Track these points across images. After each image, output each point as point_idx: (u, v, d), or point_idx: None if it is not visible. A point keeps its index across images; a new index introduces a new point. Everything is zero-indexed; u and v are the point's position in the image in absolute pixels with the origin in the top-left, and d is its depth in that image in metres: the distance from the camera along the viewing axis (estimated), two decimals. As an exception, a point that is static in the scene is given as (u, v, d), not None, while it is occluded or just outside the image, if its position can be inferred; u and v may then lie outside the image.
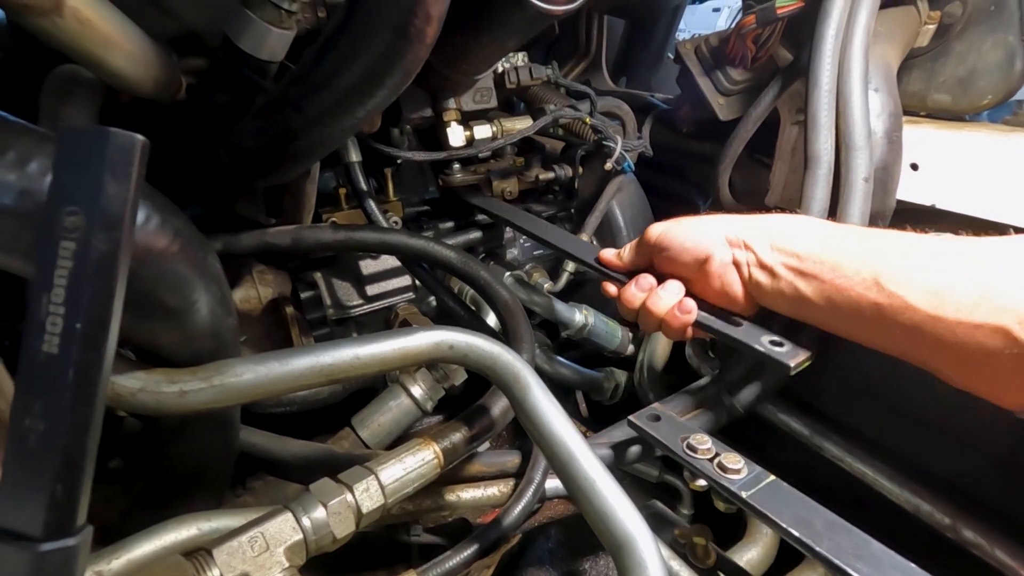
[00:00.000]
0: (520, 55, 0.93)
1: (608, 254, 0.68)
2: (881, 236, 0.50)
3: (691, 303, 0.59)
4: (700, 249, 0.57)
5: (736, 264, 0.56)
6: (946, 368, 0.45)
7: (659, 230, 0.61)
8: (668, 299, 0.60)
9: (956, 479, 0.63)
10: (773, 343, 0.54)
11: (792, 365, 0.52)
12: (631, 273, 0.65)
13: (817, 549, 0.43)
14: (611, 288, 0.67)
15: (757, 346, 0.54)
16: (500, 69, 0.90)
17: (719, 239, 0.57)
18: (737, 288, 0.56)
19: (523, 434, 0.81)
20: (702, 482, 0.57)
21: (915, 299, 0.44)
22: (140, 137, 0.25)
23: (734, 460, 0.52)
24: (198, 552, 0.43)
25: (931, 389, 0.59)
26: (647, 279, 0.62)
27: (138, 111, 0.65)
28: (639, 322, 0.63)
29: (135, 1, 0.65)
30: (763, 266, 0.54)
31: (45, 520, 0.24)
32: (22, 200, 0.33)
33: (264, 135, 0.58)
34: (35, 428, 0.24)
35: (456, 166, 0.94)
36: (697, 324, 0.59)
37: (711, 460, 0.53)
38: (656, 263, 0.63)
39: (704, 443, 0.54)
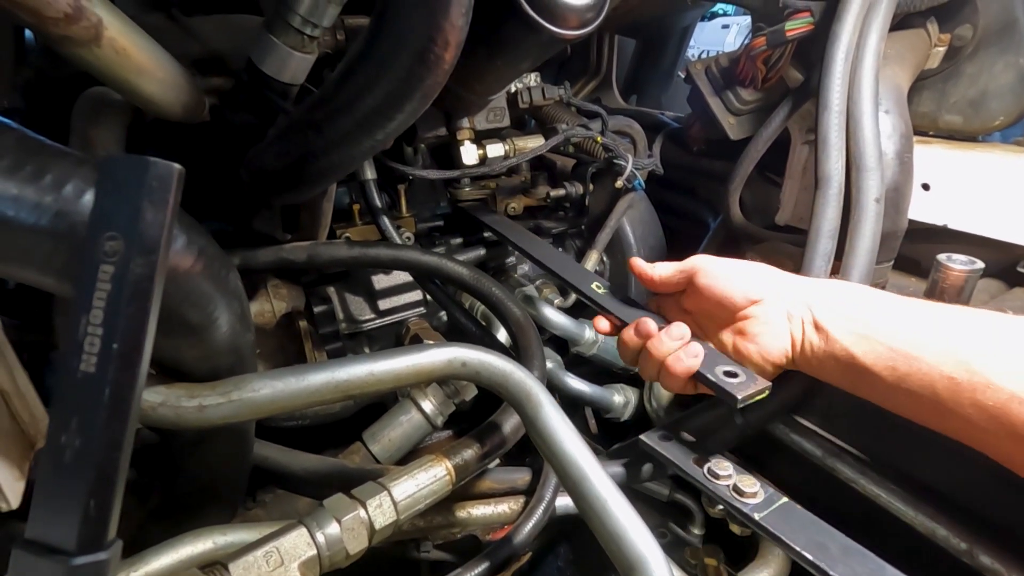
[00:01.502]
0: (533, 75, 0.95)
1: (641, 264, 0.64)
2: (958, 310, 0.46)
3: (698, 347, 0.55)
4: (753, 290, 0.54)
5: (789, 319, 0.52)
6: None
7: (708, 258, 0.58)
8: (671, 342, 0.56)
9: (973, 503, 0.62)
10: (727, 373, 0.53)
11: (740, 398, 0.51)
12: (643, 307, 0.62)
13: (832, 574, 0.43)
14: (602, 324, 0.64)
15: (709, 376, 0.53)
16: (513, 89, 0.91)
17: (776, 288, 0.54)
18: (779, 344, 0.53)
19: (532, 450, 0.80)
20: (720, 507, 0.56)
21: (1000, 377, 0.40)
22: (177, 166, 0.26)
23: (750, 483, 0.51)
24: (214, 566, 0.43)
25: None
26: (648, 324, 0.58)
27: (161, 129, 0.68)
28: (640, 368, 0.60)
29: (162, 25, 0.68)
30: (819, 327, 0.50)
31: (79, 534, 0.25)
32: (58, 221, 0.34)
33: (286, 156, 0.59)
34: (71, 445, 0.25)
35: (465, 181, 0.95)
36: (701, 378, 0.54)
37: (726, 483, 0.53)
38: (689, 294, 0.59)
39: (725, 469, 0.54)
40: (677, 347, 0.55)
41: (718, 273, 0.56)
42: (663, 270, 0.61)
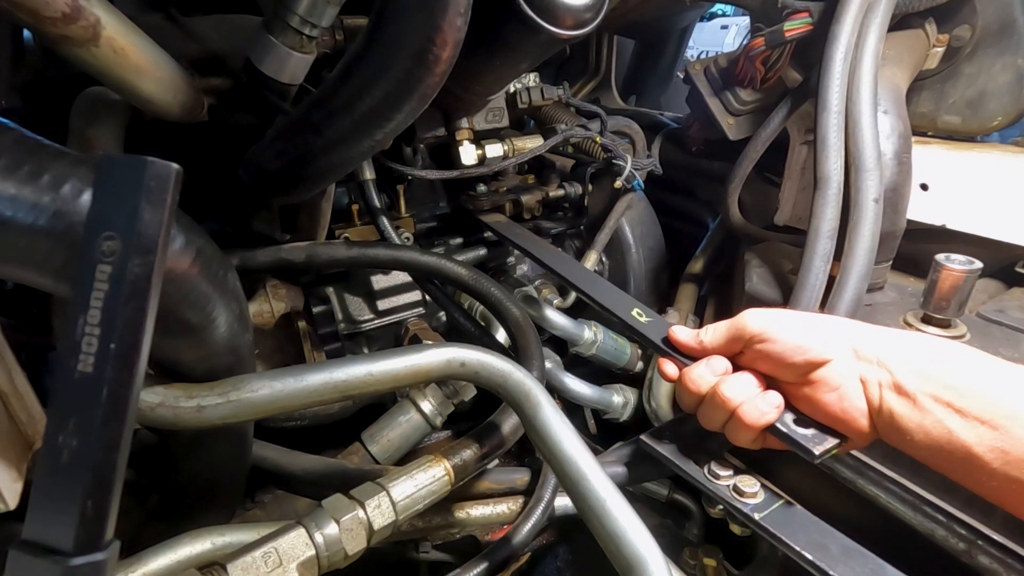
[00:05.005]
0: (532, 75, 0.95)
1: (683, 335, 0.55)
2: None
3: (778, 397, 0.48)
4: (817, 351, 0.46)
5: (863, 382, 0.45)
6: None
7: (763, 317, 0.50)
8: (747, 387, 0.49)
9: (971, 503, 0.62)
10: (798, 422, 0.49)
11: (817, 453, 0.46)
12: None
13: (832, 574, 0.43)
14: (669, 368, 0.55)
15: (783, 428, 0.48)
16: (512, 89, 0.91)
17: (843, 346, 0.46)
18: (857, 410, 0.45)
19: (532, 450, 0.80)
20: (720, 507, 0.56)
21: None
22: (175, 166, 0.26)
23: (750, 483, 0.51)
24: (213, 567, 0.43)
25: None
26: (721, 361, 0.52)
27: (159, 129, 0.67)
28: (700, 413, 0.53)
29: (161, 25, 0.68)
30: (902, 392, 0.43)
31: (76, 535, 0.25)
32: (55, 221, 0.34)
33: (285, 157, 0.59)
34: (68, 445, 0.25)
35: (481, 188, 0.95)
36: (773, 430, 0.49)
37: (726, 483, 0.53)
38: (748, 358, 0.51)
39: (725, 469, 0.53)
40: (754, 395, 0.49)
41: (774, 334, 0.48)
42: (714, 338, 0.53)
